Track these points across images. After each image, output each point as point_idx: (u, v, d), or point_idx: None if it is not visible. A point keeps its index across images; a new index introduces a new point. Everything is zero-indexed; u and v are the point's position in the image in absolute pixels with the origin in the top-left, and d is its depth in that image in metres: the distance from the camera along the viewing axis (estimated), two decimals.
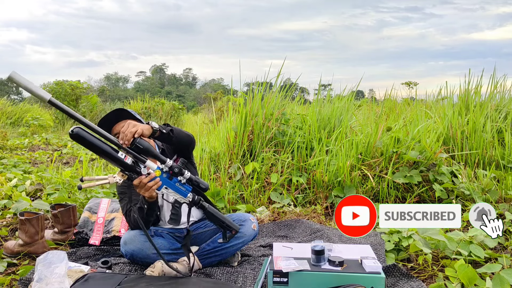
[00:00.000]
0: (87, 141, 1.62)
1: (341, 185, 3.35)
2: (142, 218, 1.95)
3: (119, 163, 1.71)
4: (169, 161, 1.77)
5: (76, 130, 1.59)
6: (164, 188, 1.79)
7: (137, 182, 1.74)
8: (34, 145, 7.11)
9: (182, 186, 1.80)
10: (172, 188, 1.80)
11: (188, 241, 1.92)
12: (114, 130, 2.09)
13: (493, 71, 5.15)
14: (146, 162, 1.74)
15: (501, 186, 3.27)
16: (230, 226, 1.90)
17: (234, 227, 1.91)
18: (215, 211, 1.91)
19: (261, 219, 2.98)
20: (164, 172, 1.78)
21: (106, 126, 2.06)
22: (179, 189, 1.81)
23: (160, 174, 1.77)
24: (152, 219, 2.01)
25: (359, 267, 1.84)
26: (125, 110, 2.12)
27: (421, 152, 3.42)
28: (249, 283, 1.93)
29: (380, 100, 7.87)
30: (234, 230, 1.91)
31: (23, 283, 1.84)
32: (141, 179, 1.74)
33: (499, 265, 1.95)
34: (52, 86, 12.61)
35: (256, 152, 3.95)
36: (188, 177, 1.79)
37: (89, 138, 1.62)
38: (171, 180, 1.79)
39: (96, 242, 2.45)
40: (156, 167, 1.77)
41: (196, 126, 9.24)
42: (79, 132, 1.60)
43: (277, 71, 5.28)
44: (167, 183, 1.79)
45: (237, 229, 1.92)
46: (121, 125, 2.07)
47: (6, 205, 3.00)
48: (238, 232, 1.94)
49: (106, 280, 1.75)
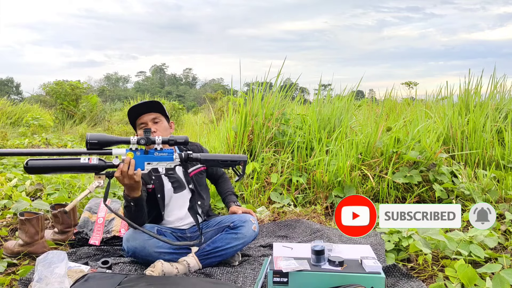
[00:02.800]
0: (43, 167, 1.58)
1: (341, 185, 3.35)
2: (131, 218, 1.90)
3: (87, 168, 1.63)
4: (133, 138, 1.69)
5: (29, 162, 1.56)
6: (146, 164, 1.71)
7: (118, 174, 1.68)
8: (34, 145, 7.10)
9: (162, 153, 1.71)
10: (153, 160, 1.71)
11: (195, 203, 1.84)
12: (140, 120, 2.14)
13: (493, 71, 5.15)
14: (112, 152, 1.67)
15: (501, 186, 3.27)
16: (235, 160, 1.80)
17: (240, 159, 1.80)
18: (210, 155, 1.83)
19: (261, 219, 2.98)
20: (136, 150, 1.70)
21: (135, 114, 2.13)
22: (161, 157, 1.71)
23: (133, 155, 1.69)
24: (142, 215, 1.96)
25: (359, 267, 1.84)
26: (156, 102, 2.15)
27: (421, 152, 3.42)
28: (249, 283, 1.93)
29: (380, 100, 7.87)
30: (242, 161, 1.80)
31: (23, 283, 1.84)
32: (120, 169, 1.67)
33: (499, 265, 1.95)
34: (52, 86, 12.59)
35: (256, 152, 3.95)
36: (161, 140, 1.70)
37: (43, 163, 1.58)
38: (148, 154, 1.71)
39: (96, 242, 2.45)
40: (126, 150, 1.69)
41: (196, 126, 9.24)
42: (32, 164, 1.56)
43: (277, 71, 5.29)
44: (145, 158, 1.70)
45: (244, 159, 1.80)
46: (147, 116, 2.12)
47: (6, 205, 3.00)
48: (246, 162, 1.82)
49: (106, 280, 1.75)
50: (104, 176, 1.66)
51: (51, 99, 12.82)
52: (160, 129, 2.15)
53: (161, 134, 2.14)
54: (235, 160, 1.79)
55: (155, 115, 2.16)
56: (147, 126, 2.13)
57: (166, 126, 2.20)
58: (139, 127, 2.17)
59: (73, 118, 11.87)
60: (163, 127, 2.17)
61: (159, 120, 2.17)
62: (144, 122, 2.14)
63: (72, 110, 12.01)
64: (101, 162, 1.65)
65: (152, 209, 2.17)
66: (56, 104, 12.26)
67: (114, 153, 1.67)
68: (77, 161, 1.61)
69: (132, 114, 2.15)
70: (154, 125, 2.15)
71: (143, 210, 1.95)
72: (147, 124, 2.14)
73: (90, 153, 1.63)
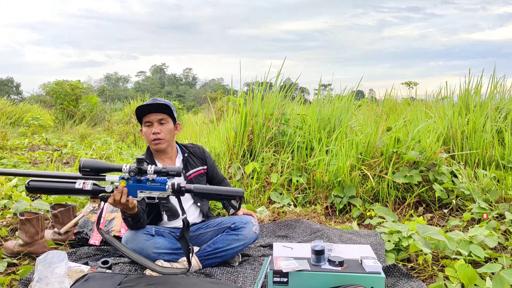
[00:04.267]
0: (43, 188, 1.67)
1: (341, 185, 3.34)
2: (130, 227, 1.99)
3: (82, 193, 1.67)
4: (125, 166, 1.68)
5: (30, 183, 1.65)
6: (139, 192, 1.71)
7: (111, 201, 1.70)
8: (34, 145, 7.10)
9: (154, 182, 1.70)
10: (146, 189, 1.71)
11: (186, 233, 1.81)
12: (147, 118, 2.18)
13: (493, 71, 5.15)
14: (105, 178, 1.68)
15: (501, 186, 3.27)
16: (230, 194, 1.77)
17: (236, 193, 1.76)
18: (204, 188, 1.82)
19: (261, 219, 2.98)
20: (128, 179, 1.69)
21: (141, 112, 2.17)
22: (154, 187, 1.71)
23: (125, 183, 1.69)
24: (140, 225, 2.01)
25: (359, 267, 1.83)
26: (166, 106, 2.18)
27: (421, 152, 3.42)
28: (249, 283, 1.93)
29: (380, 100, 7.87)
30: (237, 196, 1.76)
31: (23, 283, 1.84)
32: (113, 197, 1.69)
33: (499, 265, 1.95)
34: (52, 86, 12.59)
35: (256, 152, 3.95)
36: (153, 170, 1.69)
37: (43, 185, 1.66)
38: (141, 183, 1.70)
39: (96, 242, 2.45)
40: (119, 178, 1.70)
41: (196, 126, 9.24)
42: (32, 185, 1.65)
43: (277, 71, 5.28)
44: (138, 187, 1.70)
45: (241, 193, 1.76)
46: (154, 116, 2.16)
47: (6, 205, 3.00)
48: (242, 196, 1.77)
49: (106, 280, 1.75)
50: (99, 200, 1.70)
51: (51, 99, 12.82)
52: (165, 130, 2.19)
53: (164, 136, 2.19)
54: (230, 195, 1.76)
55: (162, 116, 2.19)
56: (152, 125, 2.19)
57: (171, 128, 2.24)
58: (145, 124, 2.21)
59: (73, 118, 11.88)
60: (167, 129, 2.21)
61: (165, 122, 2.21)
62: (150, 121, 2.19)
63: (72, 110, 12.02)
64: (95, 187, 1.67)
65: (152, 209, 2.18)
66: (56, 104, 12.26)
67: (108, 179, 1.69)
68: (72, 185, 1.66)
69: (140, 110, 2.19)
70: (159, 126, 2.19)
71: (141, 221, 1.99)
72: (152, 123, 2.19)
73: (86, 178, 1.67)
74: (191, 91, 55.95)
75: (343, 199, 3.25)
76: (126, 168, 1.68)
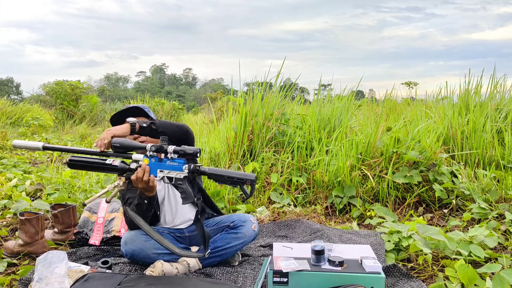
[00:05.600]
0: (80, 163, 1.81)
1: (341, 185, 3.34)
2: (141, 215, 1.94)
3: (111, 169, 1.79)
4: (149, 145, 1.78)
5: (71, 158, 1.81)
6: (159, 171, 1.80)
7: (134, 178, 1.78)
8: None
9: (173, 162, 1.80)
10: (165, 168, 1.80)
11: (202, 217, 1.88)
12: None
13: (493, 71, 5.15)
14: (132, 156, 1.79)
15: (501, 186, 3.27)
16: (243, 178, 1.79)
17: (248, 177, 1.79)
18: (218, 170, 1.85)
19: (261, 219, 2.98)
20: (150, 156, 1.79)
21: (118, 120, 2.16)
22: (172, 166, 1.80)
23: (148, 161, 1.79)
24: (149, 214, 2.01)
25: (359, 267, 1.83)
26: (139, 108, 2.19)
27: (421, 152, 3.42)
28: (249, 283, 1.93)
29: (380, 100, 7.87)
30: (249, 180, 1.78)
31: (23, 283, 1.84)
32: (136, 174, 1.77)
33: (499, 265, 1.95)
34: (52, 86, 12.58)
35: (256, 152, 3.95)
36: (173, 150, 1.77)
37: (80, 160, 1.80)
38: (161, 162, 1.80)
39: (96, 242, 2.45)
40: (143, 156, 1.80)
41: (196, 126, 9.24)
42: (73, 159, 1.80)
43: (277, 71, 5.28)
44: (158, 166, 1.80)
45: (253, 178, 1.78)
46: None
47: (6, 205, 3.00)
48: (254, 181, 1.79)
49: (106, 280, 1.75)
50: (124, 178, 1.80)
51: (51, 99, 12.82)
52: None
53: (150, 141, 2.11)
54: (242, 178, 1.79)
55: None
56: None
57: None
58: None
59: (73, 118, 11.87)
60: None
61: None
62: None
63: (72, 110, 12.01)
64: (121, 164, 1.80)
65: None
66: (56, 104, 12.26)
67: (134, 157, 1.80)
68: (103, 161, 1.80)
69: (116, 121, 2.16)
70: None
71: (154, 209, 2.02)
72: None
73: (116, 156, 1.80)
74: (191, 91, 55.96)
75: (343, 199, 3.25)
76: (149, 146, 1.78)
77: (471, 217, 2.81)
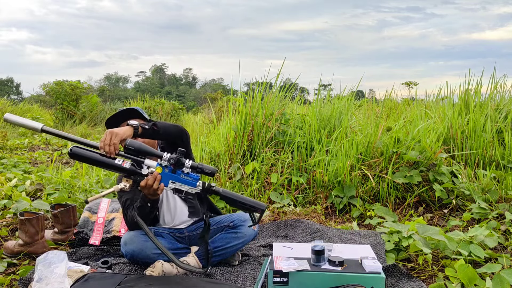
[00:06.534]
0: (85, 157, 1.70)
1: (341, 185, 3.35)
2: (143, 217, 1.93)
3: (119, 169, 1.73)
4: (166, 155, 1.73)
5: (73, 149, 1.69)
6: (171, 182, 1.76)
7: (143, 184, 1.74)
8: (34, 145, 7.10)
9: (188, 176, 1.75)
10: (178, 180, 1.76)
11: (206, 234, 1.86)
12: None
13: (493, 71, 5.14)
14: (145, 162, 1.74)
15: (501, 186, 3.27)
16: (254, 206, 1.80)
17: (260, 206, 1.80)
18: (231, 193, 1.84)
19: (261, 219, 2.98)
20: (165, 166, 1.74)
21: (114, 123, 2.11)
22: (186, 180, 1.76)
23: (161, 170, 1.74)
24: (151, 216, 2.00)
25: (359, 267, 1.84)
26: (134, 109, 2.14)
27: (421, 152, 3.42)
28: (249, 283, 1.93)
29: (380, 100, 7.87)
30: (260, 209, 1.80)
31: (23, 283, 1.84)
32: (146, 181, 1.73)
33: (499, 265, 1.95)
34: (52, 86, 12.57)
35: (256, 152, 3.95)
36: (190, 165, 1.74)
37: (85, 154, 1.70)
38: (175, 173, 1.75)
39: (96, 242, 2.45)
40: (156, 164, 1.75)
41: (196, 126, 9.24)
42: (75, 151, 1.69)
43: (277, 71, 5.29)
44: (171, 177, 1.75)
45: (263, 208, 1.80)
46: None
47: (6, 205, 3.00)
48: (263, 211, 1.80)
49: (106, 280, 1.75)
50: (132, 180, 1.74)
51: (51, 99, 12.80)
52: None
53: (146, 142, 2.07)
54: (254, 206, 1.80)
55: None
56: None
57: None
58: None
59: (73, 118, 11.86)
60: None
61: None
62: None
63: (72, 110, 12.01)
64: (132, 167, 1.74)
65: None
66: (56, 104, 12.25)
67: (147, 163, 1.75)
68: (112, 161, 1.71)
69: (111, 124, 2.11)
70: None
71: (156, 212, 2.00)
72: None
73: (126, 157, 1.73)
74: (191, 91, 55.96)
75: (343, 199, 3.25)
76: (167, 156, 1.73)
77: (471, 217, 2.81)
